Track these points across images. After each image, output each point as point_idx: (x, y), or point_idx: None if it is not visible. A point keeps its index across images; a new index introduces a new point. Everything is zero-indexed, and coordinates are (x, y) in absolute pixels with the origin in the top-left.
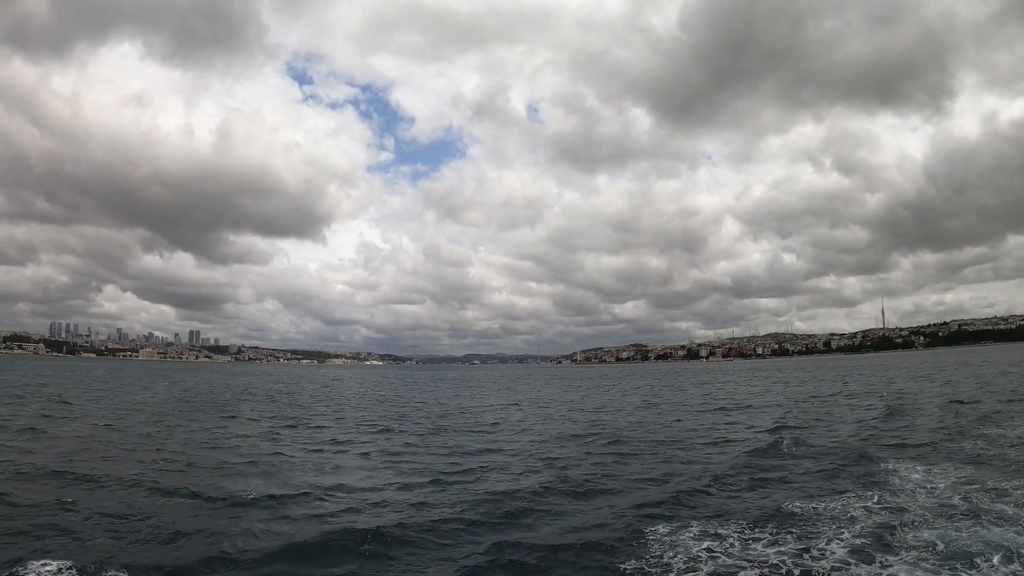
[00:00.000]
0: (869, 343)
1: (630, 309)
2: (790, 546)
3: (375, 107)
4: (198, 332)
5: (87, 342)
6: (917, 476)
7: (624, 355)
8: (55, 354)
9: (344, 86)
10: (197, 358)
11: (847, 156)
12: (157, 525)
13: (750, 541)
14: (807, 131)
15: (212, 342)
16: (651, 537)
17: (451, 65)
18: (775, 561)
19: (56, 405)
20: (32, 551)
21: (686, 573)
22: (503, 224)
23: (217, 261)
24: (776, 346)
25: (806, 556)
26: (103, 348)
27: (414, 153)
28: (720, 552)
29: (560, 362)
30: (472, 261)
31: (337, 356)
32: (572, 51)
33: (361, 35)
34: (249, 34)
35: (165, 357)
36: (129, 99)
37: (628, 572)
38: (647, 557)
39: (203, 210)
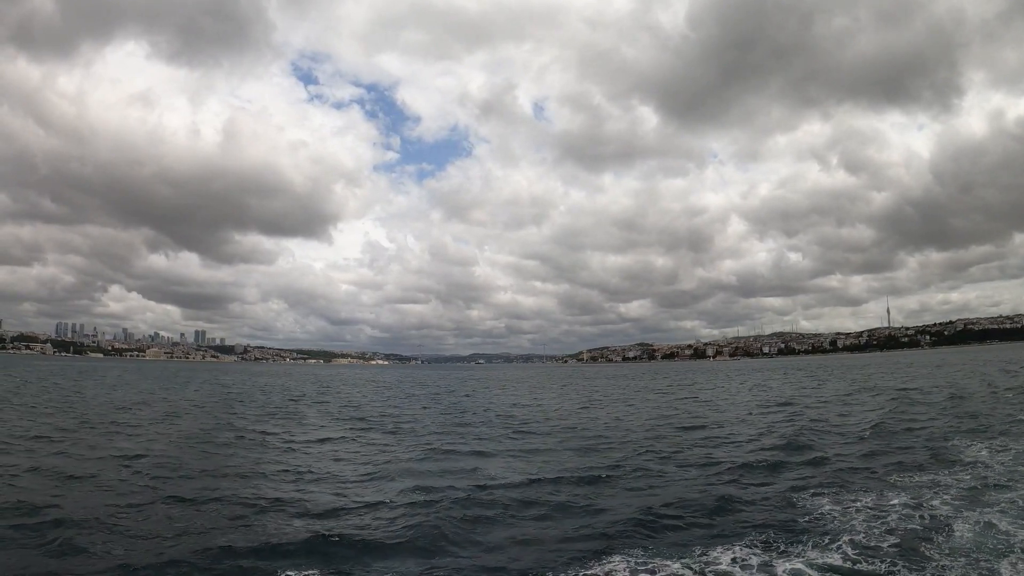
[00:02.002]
0: (875, 342)
1: (635, 308)
2: (904, 500)
3: (381, 106)
4: (204, 332)
5: (94, 342)
6: (984, 453)
7: (630, 354)
8: (63, 354)
9: (350, 85)
10: (204, 358)
11: (854, 154)
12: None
13: (873, 500)
14: (814, 129)
15: (218, 342)
16: (799, 503)
17: (457, 63)
18: (903, 513)
19: (121, 412)
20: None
21: (844, 526)
22: (509, 223)
23: (222, 261)
24: (782, 345)
25: (922, 508)
26: (110, 348)
27: (420, 152)
28: (855, 509)
29: (566, 361)
30: (478, 260)
31: (343, 356)
32: (579, 49)
33: (367, 34)
34: (255, 33)
35: (171, 357)
36: (134, 98)
37: (801, 526)
38: (805, 517)
39: (208, 209)
